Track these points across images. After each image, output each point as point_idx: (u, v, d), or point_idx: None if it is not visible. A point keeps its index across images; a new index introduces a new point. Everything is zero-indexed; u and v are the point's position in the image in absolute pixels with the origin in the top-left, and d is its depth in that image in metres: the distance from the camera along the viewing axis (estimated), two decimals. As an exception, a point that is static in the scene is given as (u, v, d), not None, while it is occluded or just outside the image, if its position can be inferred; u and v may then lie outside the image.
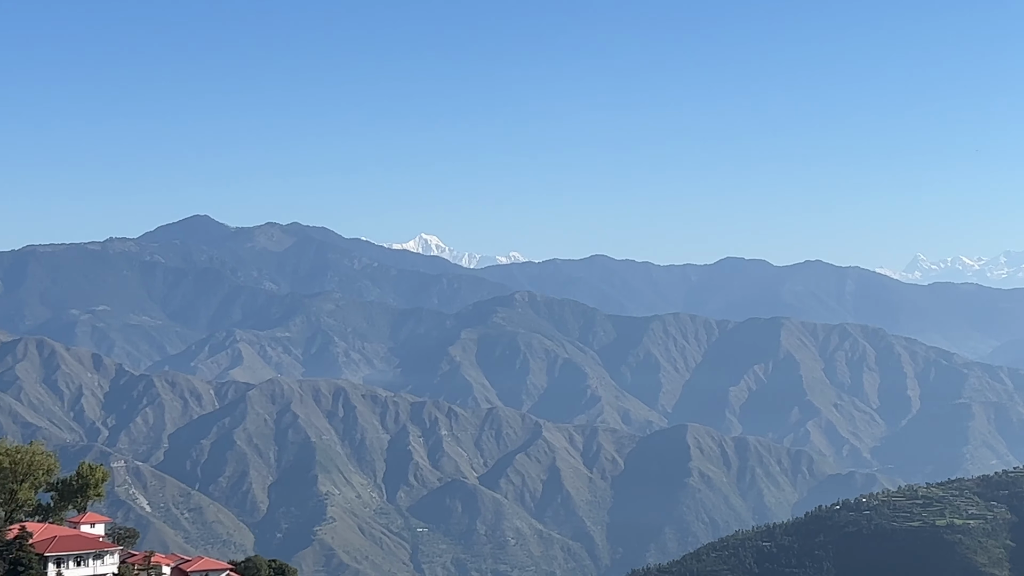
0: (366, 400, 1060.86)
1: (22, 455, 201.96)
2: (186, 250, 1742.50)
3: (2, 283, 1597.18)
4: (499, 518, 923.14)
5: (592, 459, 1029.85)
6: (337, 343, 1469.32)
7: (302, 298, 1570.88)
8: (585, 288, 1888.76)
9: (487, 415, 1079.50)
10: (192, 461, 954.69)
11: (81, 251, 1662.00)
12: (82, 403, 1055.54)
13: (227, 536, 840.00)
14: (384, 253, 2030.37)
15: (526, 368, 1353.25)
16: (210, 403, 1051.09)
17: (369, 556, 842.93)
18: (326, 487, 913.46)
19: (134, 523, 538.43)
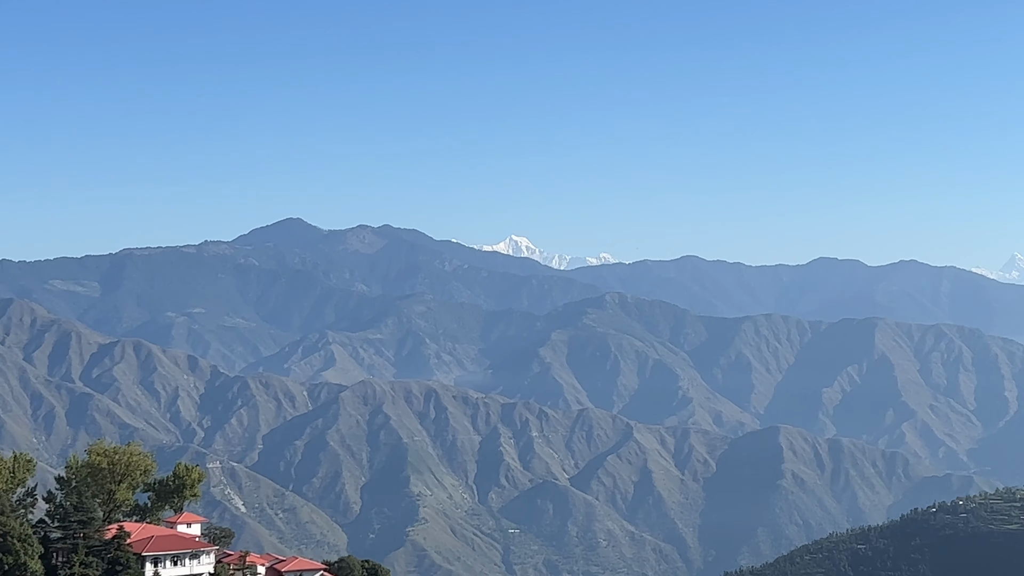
0: (457, 401, 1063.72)
1: (120, 456, 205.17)
2: (279, 253, 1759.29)
3: (100, 286, 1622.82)
4: (590, 520, 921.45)
5: (684, 461, 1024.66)
6: (428, 345, 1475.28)
7: (393, 300, 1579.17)
8: (676, 289, 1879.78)
9: (578, 416, 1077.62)
10: (286, 462, 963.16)
11: (177, 254, 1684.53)
12: (178, 404, 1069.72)
13: (321, 536, 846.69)
14: (474, 255, 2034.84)
15: (616, 369, 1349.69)
16: (303, 404, 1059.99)
17: (461, 557, 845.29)
18: (418, 488, 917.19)
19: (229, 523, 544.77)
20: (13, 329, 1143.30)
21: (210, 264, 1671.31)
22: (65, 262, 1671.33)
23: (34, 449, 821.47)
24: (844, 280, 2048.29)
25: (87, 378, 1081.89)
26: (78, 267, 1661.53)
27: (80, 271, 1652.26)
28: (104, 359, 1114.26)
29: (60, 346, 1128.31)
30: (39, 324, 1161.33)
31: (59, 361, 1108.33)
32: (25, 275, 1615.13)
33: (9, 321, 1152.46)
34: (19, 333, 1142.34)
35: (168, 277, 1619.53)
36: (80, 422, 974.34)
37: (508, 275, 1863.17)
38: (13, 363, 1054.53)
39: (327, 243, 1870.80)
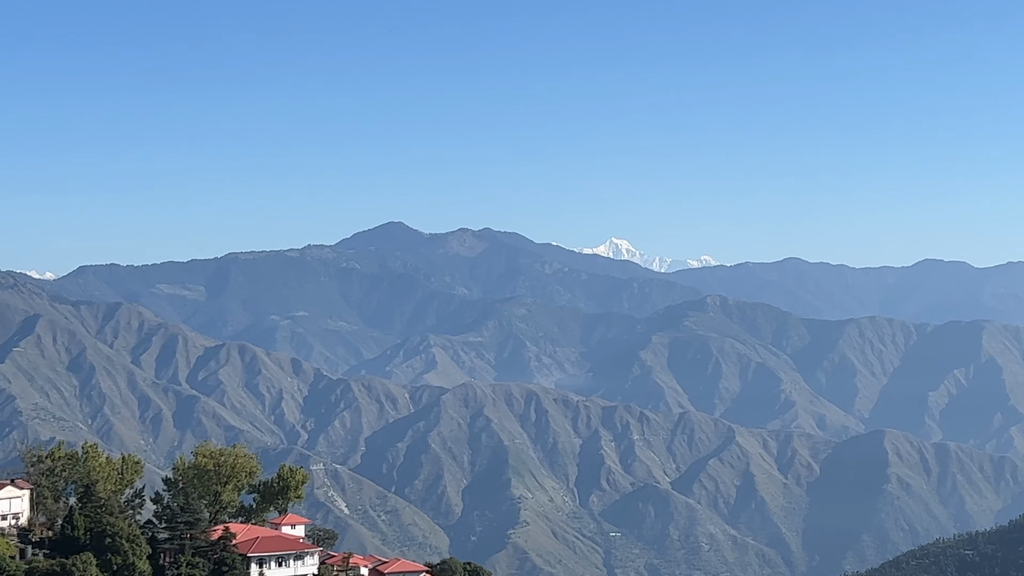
0: (558, 404, 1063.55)
1: (226, 458, 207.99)
2: (381, 256, 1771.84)
3: (206, 290, 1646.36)
4: (692, 523, 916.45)
5: (787, 465, 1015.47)
6: (529, 348, 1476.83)
7: (494, 303, 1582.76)
8: (778, 291, 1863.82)
9: (679, 420, 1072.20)
10: (388, 464, 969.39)
11: (280, 258, 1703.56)
12: (282, 407, 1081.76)
13: (423, 538, 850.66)
14: (575, 258, 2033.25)
15: (718, 372, 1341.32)
16: (405, 407, 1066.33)
17: (562, 560, 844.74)
18: (519, 491, 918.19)
19: (333, 525, 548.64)
20: (121, 332, 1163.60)
21: (313, 268, 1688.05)
22: (172, 266, 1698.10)
23: (142, 451, 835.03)
24: (950, 282, 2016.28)
25: (193, 381, 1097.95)
26: (184, 271, 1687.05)
27: (186, 275, 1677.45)
28: (210, 362, 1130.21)
29: (167, 349, 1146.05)
30: (147, 327, 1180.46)
31: (166, 364, 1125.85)
32: (133, 279, 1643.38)
33: (117, 324, 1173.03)
34: (127, 336, 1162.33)
35: (272, 281, 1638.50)
36: (187, 424, 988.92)
37: (608, 278, 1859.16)
38: (122, 366, 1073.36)
39: (428, 246, 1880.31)
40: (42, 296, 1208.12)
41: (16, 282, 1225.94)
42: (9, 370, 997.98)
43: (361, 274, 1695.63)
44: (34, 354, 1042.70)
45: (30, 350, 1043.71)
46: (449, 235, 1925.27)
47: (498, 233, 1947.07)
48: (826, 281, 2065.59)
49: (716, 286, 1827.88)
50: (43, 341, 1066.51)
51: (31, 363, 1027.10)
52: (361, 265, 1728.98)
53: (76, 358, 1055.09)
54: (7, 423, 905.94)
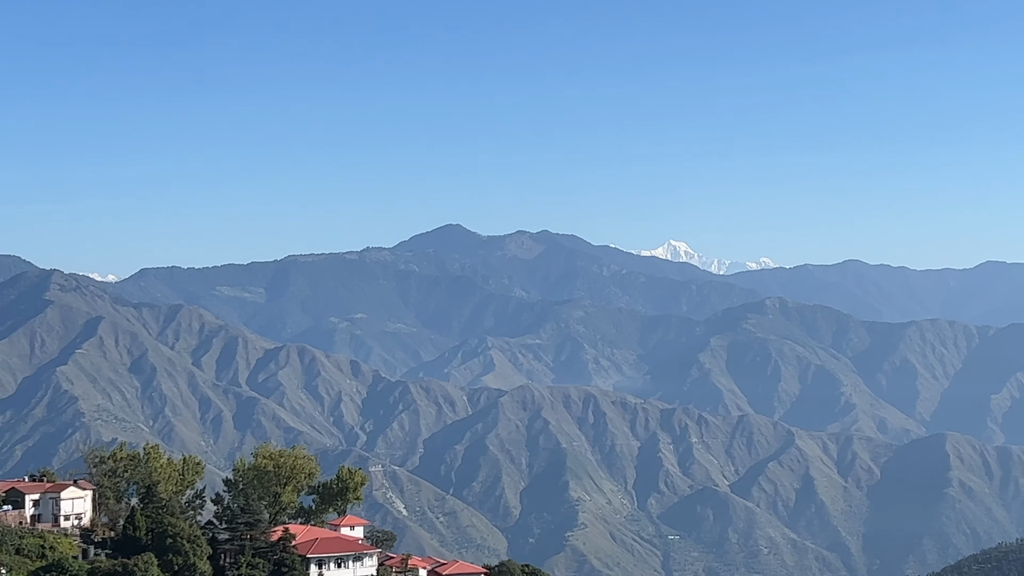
0: (616, 407, 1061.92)
1: (285, 459, 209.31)
2: (439, 259, 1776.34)
3: (266, 292, 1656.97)
4: (751, 527, 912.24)
5: (847, 468, 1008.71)
6: (587, 350, 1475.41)
7: (552, 305, 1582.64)
8: (838, 294, 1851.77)
9: (738, 422, 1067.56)
10: (446, 466, 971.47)
11: (339, 260, 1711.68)
12: (341, 408, 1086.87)
13: (481, 540, 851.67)
14: (633, 260, 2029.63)
15: (777, 375, 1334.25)
16: (463, 409, 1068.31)
17: (621, 563, 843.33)
18: (577, 493, 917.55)
19: (391, 526, 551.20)
20: (182, 334, 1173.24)
21: (372, 270, 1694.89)
22: (232, 269, 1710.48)
23: (202, 452, 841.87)
24: (1013, 284, 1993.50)
25: (253, 382, 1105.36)
26: (244, 274, 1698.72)
27: (246, 277, 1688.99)
28: (269, 364, 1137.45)
29: (227, 351, 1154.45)
30: (207, 329, 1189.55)
31: (226, 366, 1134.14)
32: (194, 281, 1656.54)
33: (178, 326, 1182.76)
34: (188, 338, 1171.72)
35: (331, 283, 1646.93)
36: (246, 425, 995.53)
37: (667, 280, 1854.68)
38: (182, 367, 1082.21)
39: (486, 249, 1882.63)
40: (104, 298, 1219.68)
41: (79, 284, 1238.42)
42: (72, 372, 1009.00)
43: (419, 276, 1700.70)
44: (96, 356, 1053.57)
45: (92, 352, 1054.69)
46: (507, 237, 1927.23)
47: (556, 235, 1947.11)
48: (887, 283, 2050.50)
49: (775, 288, 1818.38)
50: (105, 343, 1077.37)
51: (93, 365, 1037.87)
52: (419, 267, 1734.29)
53: (138, 360, 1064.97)
54: (70, 424, 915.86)
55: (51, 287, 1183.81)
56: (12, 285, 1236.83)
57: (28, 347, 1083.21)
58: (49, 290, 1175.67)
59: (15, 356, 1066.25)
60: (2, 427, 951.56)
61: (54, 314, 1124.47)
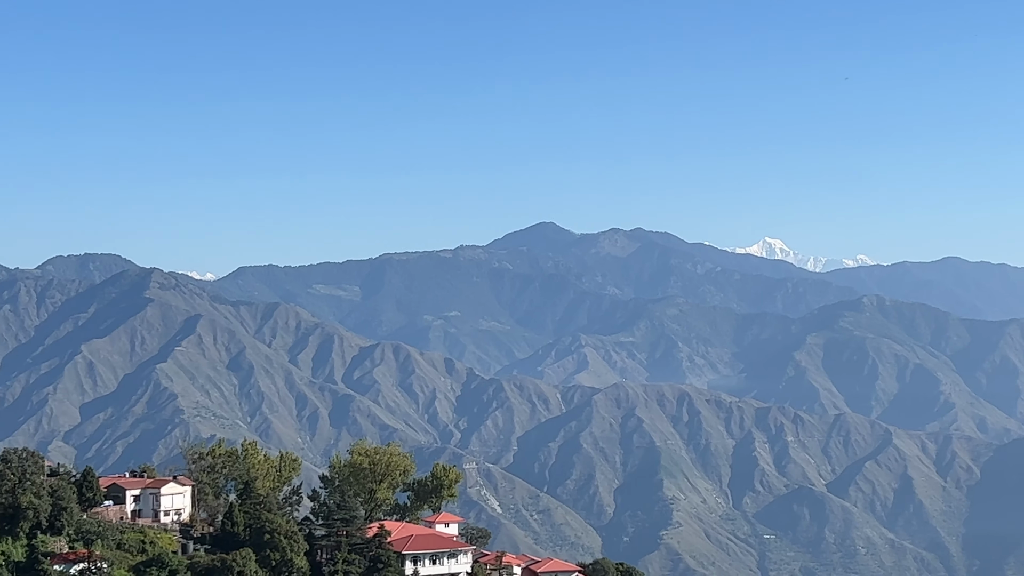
0: (710, 405, 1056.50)
1: (381, 456, 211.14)
2: (533, 257, 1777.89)
3: (361, 290, 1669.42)
4: (848, 526, 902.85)
5: (946, 467, 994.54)
6: (681, 348, 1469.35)
7: (646, 303, 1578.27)
8: (937, 291, 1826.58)
9: (835, 421, 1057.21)
10: (540, 464, 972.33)
11: (434, 259, 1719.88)
12: (435, 406, 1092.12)
13: (575, 538, 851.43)
14: (727, 257, 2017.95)
15: (875, 374, 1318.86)
16: (557, 407, 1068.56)
17: (716, 562, 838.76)
18: (671, 492, 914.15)
19: (485, 523, 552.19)
20: (279, 332, 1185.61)
21: (465, 268, 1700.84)
22: (328, 267, 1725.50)
23: (299, 448, 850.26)
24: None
25: (349, 380, 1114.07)
26: (340, 272, 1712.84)
27: (342, 276, 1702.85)
28: (365, 361, 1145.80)
29: (323, 349, 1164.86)
30: (303, 327, 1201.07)
31: (322, 363, 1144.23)
32: (290, 280, 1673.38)
33: (275, 324, 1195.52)
34: (285, 336, 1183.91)
35: (425, 281, 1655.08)
36: (342, 422, 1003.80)
37: (762, 277, 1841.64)
38: (279, 365, 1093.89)
39: (580, 246, 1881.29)
40: (203, 297, 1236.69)
41: (178, 283, 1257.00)
42: (171, 369, 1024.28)
43: (513, 274, 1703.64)
44: (195, 353, 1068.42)
45: (191, 349, 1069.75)
46: (600, 235, 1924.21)
47: (650, 233, 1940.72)
48: (987, 280, 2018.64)
49: (873, 286, 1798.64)
50: (204, 341, 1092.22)
51: (192, 362, 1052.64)
52: (513, 265, 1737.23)
53: (236, 357, 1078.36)
54: (169, 421, 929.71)
55: (151, 285, 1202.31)
56: (113, 284, 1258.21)
57: (129, 345, 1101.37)
58: (149, 288, 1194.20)
59: (116, 353, 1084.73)
60: (103, 424, 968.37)
61: (154, 312, 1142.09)
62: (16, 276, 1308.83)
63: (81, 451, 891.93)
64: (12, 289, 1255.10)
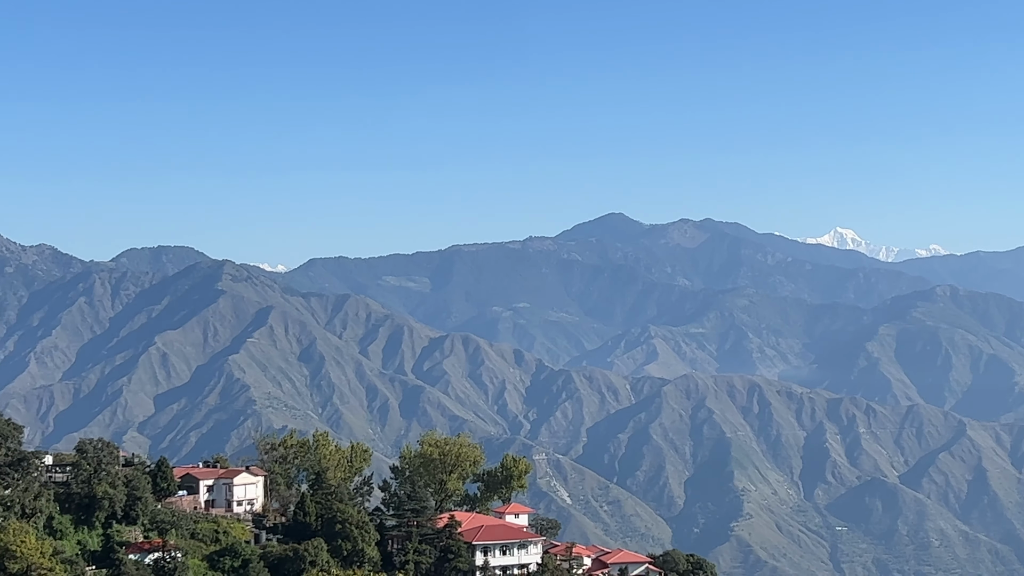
0: (781, 396, 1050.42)
1: (450, 447, 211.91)
2: (602, 247, 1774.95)
3: (430, 282, 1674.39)
4: (921, 518, 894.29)
5: (1021, 459, 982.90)
6: (751, 339, 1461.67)
7: (715, 294, 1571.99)
8: (1012, 281, 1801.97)
9: (907, 412, 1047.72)
10: (610, 455, 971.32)
11: (503, 250, 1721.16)
12: (505, 397, 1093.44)
13: (645, 529, 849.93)
14: (798, 247, 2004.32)
15: (948, 364, 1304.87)
16: (626, 398, 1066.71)
17: (787, 554, 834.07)
18: (742, 483, 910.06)
19: (555, 514, 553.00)
20: (350, 324, 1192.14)
21: (534, 259, 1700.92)
22: (397, 259, 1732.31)
23: (370, 439, 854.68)
24: None
25: (419, 371, 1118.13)
26: (409, 263, 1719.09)
27: (411, 267, 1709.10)
28: (434, 352, 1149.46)
29: (393, 340, 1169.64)
30: (374, 319, 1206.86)
31: (392, 354, 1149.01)
32: (360, 272, 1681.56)
33: (346, 316, 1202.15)
34: (355, 327, 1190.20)
35: (495, 272, 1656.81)
36: (412, 413, 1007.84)
37: (833, 268, 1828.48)
38: (350, 356, 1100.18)
39: (649, 237, 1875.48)
40: (274, 288, 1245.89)
41: (250, 275, 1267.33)
42: (244, 360, 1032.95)
43: (582, 265, 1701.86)
44: (267, 344, 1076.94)
45: (263, 341, 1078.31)
46: (670, 226, 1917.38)
47: (719, 223, 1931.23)
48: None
49: (946, 276, 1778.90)
50: (275, 332, 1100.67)
51: (264, 353, 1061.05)
52: (582, 256, 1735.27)
53: (307, 348, 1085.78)
54: (242, 411, 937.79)
55: (223, 277, 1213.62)
56: (186, 276, 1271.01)
57: (201, 336, 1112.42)
58: (221, 280, 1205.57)
59: (189, 345, 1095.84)
60: (177, 414, 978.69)
61: (226, 304, 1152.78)
62: (91, 269, 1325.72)
63: (155, 441, 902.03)
64: (87, 281, 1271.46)
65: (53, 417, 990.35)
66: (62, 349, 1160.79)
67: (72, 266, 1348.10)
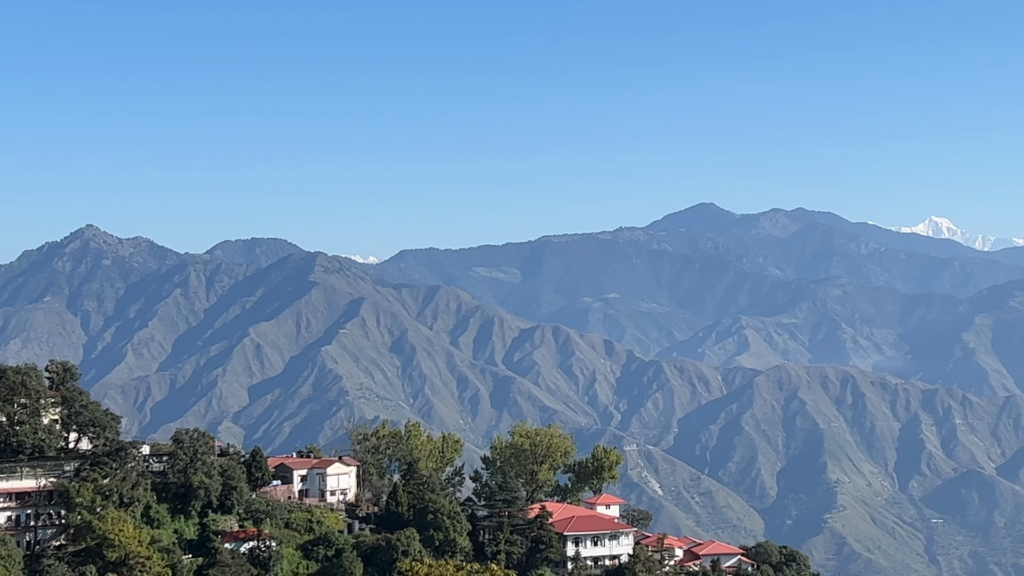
0: (875, 387, 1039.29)
1: (541, 438, 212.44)
2: (692, 238, 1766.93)
3: (520, 272, 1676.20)
4: (1019, 511, 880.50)
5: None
6: (844, 329, 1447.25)
7: (808, 284, 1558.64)
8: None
9: (1004, 403, 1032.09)
10: (701, 446, 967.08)
11: (592, 240, 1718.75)
12: (595, 388, 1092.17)
13: (737, 521, 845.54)
14: (892, 237, 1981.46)
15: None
16: (717, 389, 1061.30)
17: (881, 546, 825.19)
18: (835, 475, 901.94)
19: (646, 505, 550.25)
20: (440, 315, 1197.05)
21: (624, 250, 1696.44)
22: (487, 250, 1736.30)
23: (461, 430, 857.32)
24: None
25: (509, 361, 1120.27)
26: (499, 254, 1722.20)
27: (501, 258, 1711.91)
28: (524, 343, 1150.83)
29: (484, 331, 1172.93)
30: (464, 310, 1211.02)
31: (483, 345, 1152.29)
32: (451, 262, 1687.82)
33: (436, 307, 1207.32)
34: (446, 318, 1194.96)
35: (584, 263, 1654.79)
36: (503, 404, 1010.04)
37: (928, 257, 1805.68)
38: (441, 347, 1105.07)
39: (740, 227, 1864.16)
40: (366, 280, 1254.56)
41: (342, 267, 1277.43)
42: (336, 351, 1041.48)
43: (672, 255, 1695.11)
44: (359, 336, 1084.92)
45: (355, 332, 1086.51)
46: (761, 215, 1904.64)
47: (812, 213, 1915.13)
48: None
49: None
50: (367, 323, 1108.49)
51: (356, 344, 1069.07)
52: (672, 246, 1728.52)
53: (398, 340, 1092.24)
54: (334, 402, 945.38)
55: (315, 269, 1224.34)
56: (279, 268, 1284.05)
57: (294, 327, 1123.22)
58: (313, 272, 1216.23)
59: (282, 336, 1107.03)
60: (271, 405, 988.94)
61: (318, 295, 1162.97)
62: (186, 261, 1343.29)
63: (249, 432, 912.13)
64: (182, 273, 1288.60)
65: (150, 407, 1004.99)
66: (158, 340, 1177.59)
67: (168, 258, 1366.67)
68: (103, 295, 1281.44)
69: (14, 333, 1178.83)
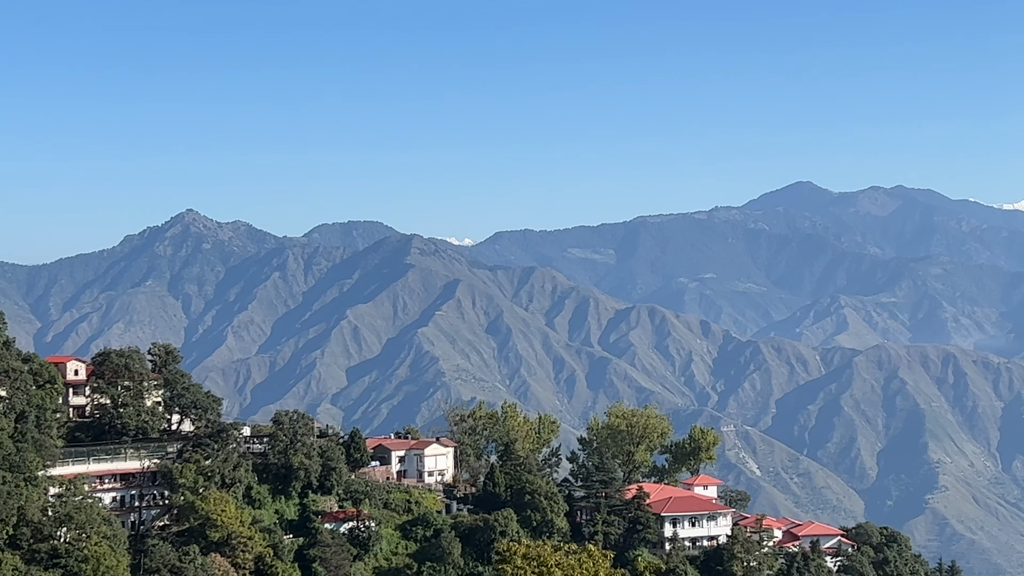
0: (977, 366, 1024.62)
1: (638, 418, 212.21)
2: (789, 217, 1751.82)
3: (615, 253, 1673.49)
4: None
5: None
6: (945, 308, 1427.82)
7: (907, 262, 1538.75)
8: None
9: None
10: (799, 426, 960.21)
11: (688, 220, 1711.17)
12: (691, 368, 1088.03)
13: (836, 502, 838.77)
14: (994, 214, 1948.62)
15: None
16: (816, 369, 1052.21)
17: (984, 527, 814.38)
18: (937, 455, 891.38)
19: (744, 487, 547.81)
20: (536, 296, 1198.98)
21: (720, 230, 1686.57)
22: (582, 231, 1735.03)
23: (557, 411, 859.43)
24: None
25: (605, 342, 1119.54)
26: (594, 235, 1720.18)
27: (596, 239, 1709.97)
28: (620, 324, 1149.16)
29: (579, 312, 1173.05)
30: (559, 291, 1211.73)
31: (578, 326, 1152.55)
32: (546, 244, 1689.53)
33: (532, 288, 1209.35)
34: (541, 299, 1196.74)
35: (680, 243, 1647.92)
36: (599, 385, 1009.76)
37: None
38: (536, 328, 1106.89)
39: (838, 206, 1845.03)
40: (461, 262, 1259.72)
41: (437, 249, 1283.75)
42: (432, 333, 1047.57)
43: (769, 235, 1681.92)
44: (455, 317, 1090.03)
45: (451, 313, 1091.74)
46: (859, 193, 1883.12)
47: (911, 190, 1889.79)
48: None
49: None
50: (463, 305, 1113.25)
51: (452, 326, 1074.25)
52: (769, 226, 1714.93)
53: (494, 321, 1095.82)
54: (431, 383, 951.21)
55: (411, 251, 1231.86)
56: (375, 250, 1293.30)
57: (391, 309, 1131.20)
58: (410, 254, 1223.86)
59: (379, 318, 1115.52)
60: (369, 386, 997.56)
61: (415, 277, 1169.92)
62: (284, 244, 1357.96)
63: (348, 413, 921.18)
64: (281, 257, 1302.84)
65: (250, 390, 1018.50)
66: (258, 323, 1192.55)
67: (266, 242, 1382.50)
68: (203, 279, 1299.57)
69: (117, 317, 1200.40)
